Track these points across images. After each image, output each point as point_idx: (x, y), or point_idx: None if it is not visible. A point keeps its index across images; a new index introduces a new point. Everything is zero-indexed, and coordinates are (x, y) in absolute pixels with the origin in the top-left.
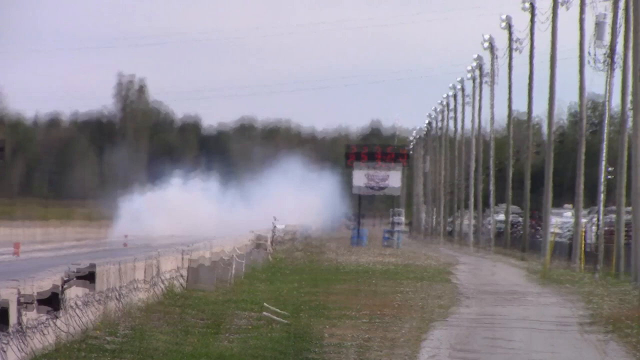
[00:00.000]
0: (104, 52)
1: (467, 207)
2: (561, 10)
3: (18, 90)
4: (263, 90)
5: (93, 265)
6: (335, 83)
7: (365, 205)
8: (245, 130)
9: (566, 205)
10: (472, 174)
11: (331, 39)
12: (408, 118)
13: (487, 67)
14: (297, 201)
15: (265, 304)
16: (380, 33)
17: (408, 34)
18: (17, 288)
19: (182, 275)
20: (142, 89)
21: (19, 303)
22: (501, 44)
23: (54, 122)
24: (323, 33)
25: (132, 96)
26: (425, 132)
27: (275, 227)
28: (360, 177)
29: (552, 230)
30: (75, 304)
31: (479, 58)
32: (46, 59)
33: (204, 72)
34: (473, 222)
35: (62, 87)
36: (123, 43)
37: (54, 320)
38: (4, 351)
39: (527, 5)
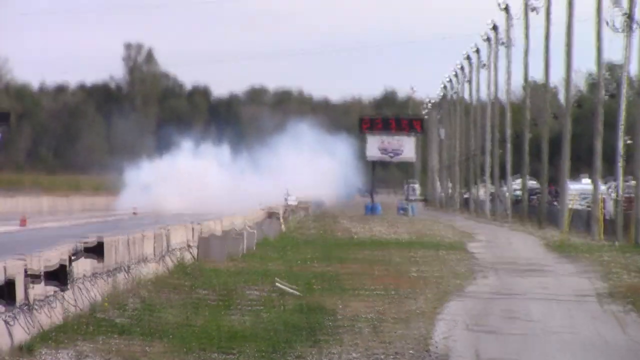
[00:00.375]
0: (108, 17)
1: (483, 176)
2: None
3: (23, 59)
4: (273, 57)
5: (101, 239)
6: (347, 48)
7: (379, 176)
8: (255, 97)
9: (583, 176)
10: (488, 142)
11: (342, 3)
12: (423, 85)
13: (502, 31)
14: (309, 171)
15: (277, 279)
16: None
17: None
18: (24, 263)
19: (192, 246)
20: (150, 56)
21: (26, 277)
22: (516, 6)
23: (60, 89)
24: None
25: (140, 63)
26: (440, 99)
27: (287, 200)
28: (374, 145)
29: (570, 199)
30: (84, 277)
31: (494, 22)
32: (49, 24)
33: (212, 38)
34: (490, 191)
35: (68, 55)
36: (128, 7)
37: (62, 295)
38: (11, 325)
39: None
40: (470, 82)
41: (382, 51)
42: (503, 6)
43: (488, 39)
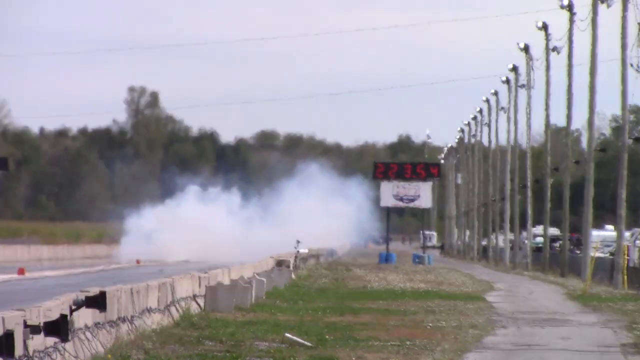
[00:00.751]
0: (111, 61)
1: (502, 223)
2: (602, 9)
3: (21, 102)
4: (283, 101)
5: (103, 290)
6: (361, 92)
7: (394, 223)
8: (265, 141)
9: (607, 226)
10: (507, 187)
11: (355, 45)
12: (439, 129)
13: (522, 72)
14: (321, 218)
15: (287, 334)
16: (408, 40)
17: (438, 41)
18: (23, 314)
19: (198, 296)
20: (154, 100)
21: (25, 328)
22: (537, 49)
23: (61, 134)
24: (346, 39)
25: (143, 107)
26: (457, 143)
27: (298, 251)
28: (388, 191)
29: (592, 247)
30: (85, 328)
31: (514, 63)
32: (51, 68)
33: (219, 81)
34: (509, 239)
35: (69, 99)
36: (131, 51)
37: (63, 347)
38: None
39: (565, 2)
40: (489, 125)
41: (397, 95)
42: (522, 46)
43: (507, 81)
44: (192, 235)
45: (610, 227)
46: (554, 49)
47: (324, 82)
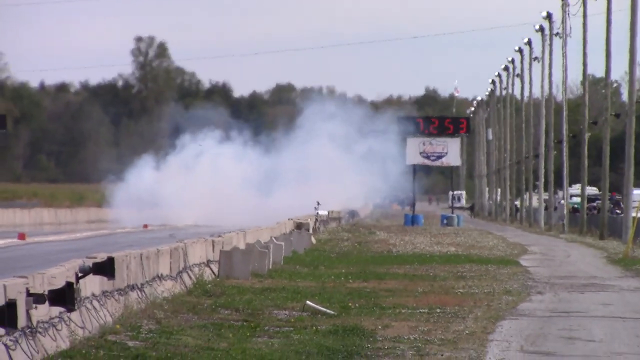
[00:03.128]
0: (114, 10)
1: (536, 183)
2: None
3: (20, 55)
4: (299, 52)
5: (111, 255)
6: (383, 41)
7: (421, 183)
8: (281, 96)
9: None
10: (542, 143)
11: None
12: (468, 83)
13: (557, 20)
14: (341, 177)
15: (308, 302)
16: None
17: None
18: (26, 282)
19: (212, 262)
20: (162, 51)
21: (29, 297)
22: None
23: (62, 89)
24: None
25: (151, 58)
26: (487, 96)
27: (318, 213)
28: (414, 148)
29: (634, 207)
30: (92, 296)
31: (548, 10)
32: (50, 17)
33: (231, 31)
34: (544, 199)
35: (70, 51)
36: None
37: (69, 317)
38: (12, 350)
39: None
40: (521, 77)
41: (423, 45)
42: None
43: (541, 29)
44: (206, 198)
45: None
46: None
47: (343, 32)
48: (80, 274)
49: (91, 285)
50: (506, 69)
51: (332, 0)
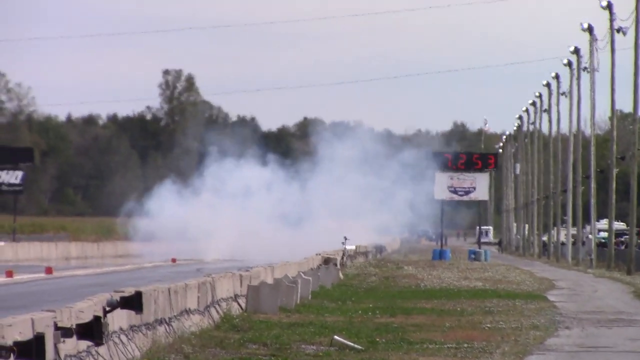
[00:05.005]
0: (141, 44)
1: (564, 217)
2: None
3: (48, 88)
4: (328, 87)
5: (139, 290)
6: (412, 76)
7: (448, 218)
8: (309, 128)
9: None
10: (569, 178)
11: (405, 27)
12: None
13: (584, 57)
14: (369, 212)
15: (335, 336)
16: (462, 21)
17: (495, 22)
18: (54, 316)
19: (240, 296)
20: (190, 84)
21: (57, 331)
22: (600, 30)
23: (89, 121)
24: (396, 21)
25: (179, 92)
26: (515, 131)
27: (345, 248)
28: (442, 183)
29: None
30: (120, 331)
31: (576, 45)
32: (77, 51)
33: (259, 65)
34: (572, 234)
35: (97, 84)
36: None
37: (96, 351)
38: None
39: None
40: (549, 112)
41: (451, 80)
42: (585, 27)
43: (569, 64)
44: (233, 232)
45: None
46: (619, 29)
47: (371, 66)
48: (108, 308)
49: (119, 319)
50: (534, 104)
51: (360, 35)
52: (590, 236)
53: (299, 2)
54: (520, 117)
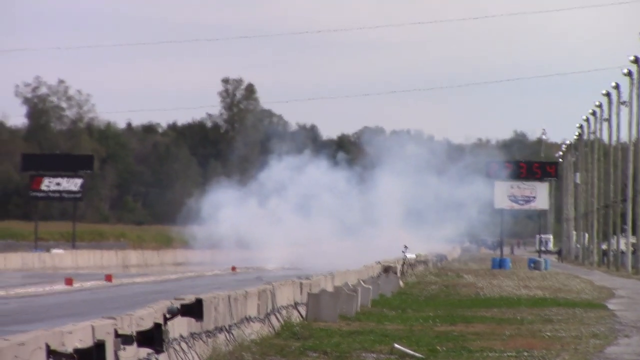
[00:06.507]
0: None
1: (624, 226)
2: None
3: (108, 96)
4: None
5: (199, 297)
6: (471, 85)
7: (508, 227)
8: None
9: None
10: (629, 187)
11: (464, 36)
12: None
13: None
14: (429, 221)
15: (395, 344)
16: (520, 29)
17: (554, 30)
18: (114, 323)
19: (300, 304)
20: (250, 92)
21: (117, 338)
22: None
23: (149, 129)
24: (453, 29)
25: (239, 99)
26: (575, 140)
27: (405, 256)
28: (502, 192)
29: None
30: (180, 338)
31: (636, 57)
32: (137, 59)
33: (318, 73)
34: (632, 242)
35: (157, 92)
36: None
37: (156, 358)
38: None
39: None
40: (609, 121)
41: (511, 89)
42: None
43: (629, 74)
44: (293, 241)
45: None
46: None
47: (431, 75)
48: (168, 316)
49: (179, 326)
50: (594, 113)
51: (420, 44)
52: None
53: (360, 10)
54: (580, 126)
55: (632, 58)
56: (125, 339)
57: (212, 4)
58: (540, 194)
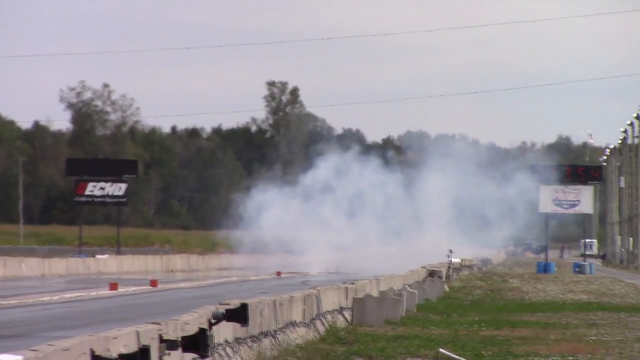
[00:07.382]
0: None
1: None
2: None
3: (153, 100)
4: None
5: (245, 302)
6: (515, 89)
7: (552, 231)
8: (414, 141)
9: None
10: None
11: (509, 40)
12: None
13: None
14: (474, 225)
15: (440, 349)
16: (563, 33)
17: (597, 34)
18: (159, 328)
19: (345, 309)
20: (294, 96)
21: (162, 343)
22: None
23: (194, 133)
24: (495, 33)
25: (284, 105)
26: (619, 144)
27: (450, 260)
28: (547, 196)
29: None
30: (225, 343)
31: None
32: (181, 63)
33: (362, 76)
34: None
35: (201, 96)
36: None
37: None
38: None
39: None
40: None
41: (555, 93)
42: None
43: None
44: (337, 244)
45: None
46: None
47: (476, 79)
48: (213, 321)
49: (224, 331)
50: (637, 116)
51: (465, 47)
52: None
53: (405, 15)
54: (624, 130)
55: None
56: (170, 344)
57: (257, 9)
58: (584, 198)
